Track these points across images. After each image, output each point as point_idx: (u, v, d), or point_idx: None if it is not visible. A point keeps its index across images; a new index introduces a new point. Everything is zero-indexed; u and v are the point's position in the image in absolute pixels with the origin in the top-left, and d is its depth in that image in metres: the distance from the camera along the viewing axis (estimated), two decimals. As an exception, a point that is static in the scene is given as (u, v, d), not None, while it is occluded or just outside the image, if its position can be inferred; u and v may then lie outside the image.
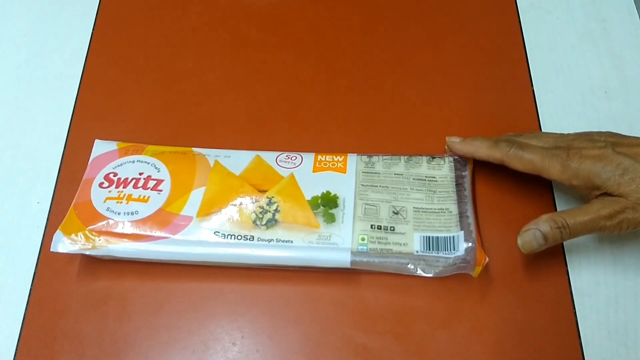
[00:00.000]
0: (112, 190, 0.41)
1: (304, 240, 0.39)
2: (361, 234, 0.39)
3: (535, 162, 0.39)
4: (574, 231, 0.37)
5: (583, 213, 0.37)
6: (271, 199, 0.41)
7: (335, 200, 0.41)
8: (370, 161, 0.43)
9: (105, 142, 0.44)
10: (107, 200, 0.41)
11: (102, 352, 0.39)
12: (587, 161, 0.38)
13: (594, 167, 0.37)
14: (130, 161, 0.43)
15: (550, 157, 0.39)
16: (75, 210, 0.41)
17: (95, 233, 0.40)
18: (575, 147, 0.39)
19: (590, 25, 0.52)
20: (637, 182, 0.36)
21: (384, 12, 0.53)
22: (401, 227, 0.40)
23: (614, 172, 0.37)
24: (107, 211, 0.40)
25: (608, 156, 0.37)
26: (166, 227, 0.40)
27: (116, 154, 0.44)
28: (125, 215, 0.40)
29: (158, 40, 0.52)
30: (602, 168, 0.37)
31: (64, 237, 0.39)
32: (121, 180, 0.42)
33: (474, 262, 0.38)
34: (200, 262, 0.40)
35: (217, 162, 0.43)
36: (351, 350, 0.39)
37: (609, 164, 0.37)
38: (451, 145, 0.44)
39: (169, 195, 0.41)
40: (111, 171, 0.42)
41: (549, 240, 0.38)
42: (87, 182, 0.42)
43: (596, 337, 0.39)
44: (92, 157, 0.44)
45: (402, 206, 0.40)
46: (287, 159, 0.43)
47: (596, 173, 0.37)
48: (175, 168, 0.42)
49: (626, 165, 0.37)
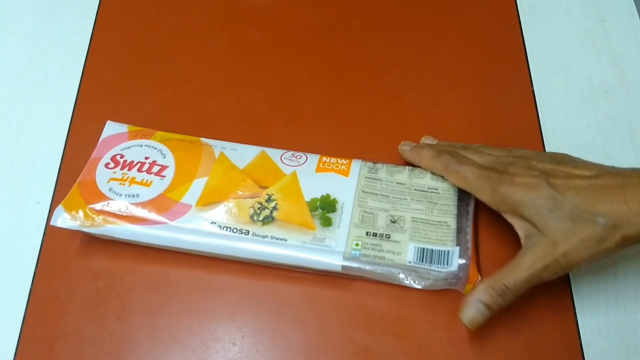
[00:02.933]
0: (116, 171, 0.42)
1: (298, 240, 0.39)
2: (355, 240, 0.39)
3: (469, 181, 0.38)
4: (515, 292, 0.35)
5: (518, 271, 0.35)
6: (271, 196, 0.41)
7: (334, 204, 0.41)
8: (375, 167, 0.42)
9: (116, 124, 0.45)
10: (110, 180, 0.41)
11: (102, 352, 0.39)
12: (517, 190, 0.36)
13: (523, 197, 0.35)
14: (138, 145, 0.43)
15: (482, 178, 0.37)
16: (79, 188, 0.41)
17: (95, 212, 0.40)
18: (509, 173, 0.37)
19: (590, 25, 0.52)
20: (566, 224, 0.34)
21: (385, 12, 0.53)
22: (397, 236, 0.39)
23: (543, 207, 0.35)
24: (109, 191, 0.41)
25: (539, 188, 0.35)
26: (165, 213, 0.40)
27: (126, 136, 0.44)
28: (126, 197, 0.41)
29: (158, 40, 0.52)
30: (531, 200, 0.35)
31: (65, 213, 0.40)
32: (127, 162, 0.42)
33: (465, 280, 0.38)
34: (194, 251, 0.40)
35: (222, 154, 0.43)
36: (351, 351, 0.39)
37: (539, 197, 0.35)
38: (401, 152, 0.43)
39: (172, 181, 0.41)
40: (118, 153, 0.43)
41: (493, 310, 0.36)
42: (94, 161, 0.43)
43: (596, 337, 0.39)
44: (102, 137, 0.44)
45: (400, 215, 0.40)
46: (292, 157, 0.43)
47: (524, 204, 0.35)
48: (180, 156, 0.43)
49: (557, 200, 0.34)
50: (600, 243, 0.33)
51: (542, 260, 0.35)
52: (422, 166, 0.42)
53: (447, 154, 0.40)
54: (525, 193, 0.35)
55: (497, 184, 0.37)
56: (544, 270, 0.35)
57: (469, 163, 0.39)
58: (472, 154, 0.40)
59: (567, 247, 0.34)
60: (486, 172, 0.37)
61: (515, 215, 0.36)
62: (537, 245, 0.35)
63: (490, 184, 0.37)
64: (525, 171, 0.37)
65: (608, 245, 0.33)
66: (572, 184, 0.35)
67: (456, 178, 0.39)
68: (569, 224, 0.34)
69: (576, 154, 0.39)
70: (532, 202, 0.35)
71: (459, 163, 0.39)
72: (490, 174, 0.37)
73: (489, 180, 0.37)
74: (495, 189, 0.37)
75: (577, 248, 0.34)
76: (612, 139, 0.46)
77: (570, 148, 0.46)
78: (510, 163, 0.38)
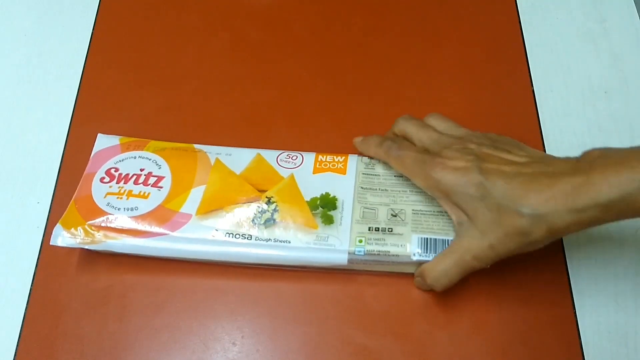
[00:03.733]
0: (112, 185, 0.42)
1: (302, 240, 0.39)
2: (359, 236, 0.39)
3: (406, 166, 0.38)
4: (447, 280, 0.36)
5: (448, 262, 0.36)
6: (270, 199, 0.41)
7: (334, 202, 0.41)
8: (371, 162, 0.43)
9: (107, 136, 0.45)
10: (107, 195, 0.41)
11: (102, 352, 0.39)
12: (448, 174, 0.35)
13: (453, 182, 0.35)
14: (132, 157, 0.43)
15: (418, 162, 0.37)
16: (75, 205, 0.41)
17: (94, 228, 0.40)
18: (443, 156, 0.36)
19: (590, 25, 0.52)
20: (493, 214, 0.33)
21: (384, 11, 0.53)
22: (399, 229, 0.39)
23: (473, 195, 0.34)
24: (107, 206, 0.41)
25: (470, 173, 0.34)
26: (165, 224, 0.40)
27: (118, 149, 0.44)
28: (125, 210, 0.40)
29: (158, 40, 0.52)
30: (461, 187, 0.34)
31: (64, 231, 0.40)
32: (122, 175, 0.42)
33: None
34: (198, 259, 0.40)
35: (218, 160, 0.43)
36: (351, 350, 0.39)
37: (468, 184, 0.34)
38: (355, 144, 0.43)
39: (169, 192, 0.41)
40: (112, 166, 0.43)
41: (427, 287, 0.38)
42: (88, 177, 0.42)
43: (596, 337, 0.39)
44: (94, 151, 0.44)
45: (400, 209, 0.40)
46: (287, 158, 0.43)
47: (455, 191, 0.35)
48: (176, 165, 0.43)
49: (486, 189, 0.34)
50: (525, 236, 0.33)
51: (470, 252, 0.35)
52: (370, 155, 0.42)
53: (389, 140, 0.40)
54: (456, 178, 0.35)
55: (430, 168, 0.36)
56: (473, 260, 0.35)
57: (407, 148, 0.39)
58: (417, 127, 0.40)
59: (493, 239, 0.34)
60: (422, 156, 0.37)
61: (448, 199, 0.36)
62: (466, 234, 0.35)
63: (424, 169, 0.36)
64: (459, 155, 0.36)
65: (534, 237, 0.33)
66: (501, 170, 0.34)
67: (396, 164, 0.39)
68: (496, 215, 0.33)
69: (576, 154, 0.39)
70: (462, 189, 0.35)
71: (399, 148, 0.39)
72: (425, 157, 0.37)
73: (424, 164, 0.37)
74: (428, 174, 0.36)
75: (503, 240, 0.34)
76: (612, 139, 0.46)
77: (570, 148, 0.46)
78: (447, 145, 0.37)
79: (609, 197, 0.30)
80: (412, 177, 0.38)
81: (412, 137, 0.40)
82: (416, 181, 0.38)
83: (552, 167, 0.34)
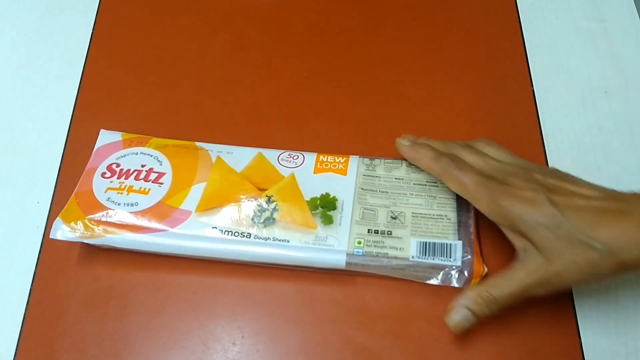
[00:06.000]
0: (113, 180, 0.42)
1: (301, 240, 0.39)
2: (357, 238, 0.39)
3: (468, 189, 0.37)
4: (504, 303, 0.35)
5: (509, 283, 0.35)
6: (270, 197, 0.41)
7: (334, 202, 0.41)
8: (372, 164, 0.43)
9: (110, 132, 0.45)
10: (108, 190, 0.41)
11: (102, 352, 0.39)
12: (517, 204, 0.35)
13: (523, 212, 0.34)
14: (133, 153, 0.43)
15: (481, 186, 0.36)
16: (76, 199, 0.41)
17: (94, 222, 0.40)
18: (510, 184, 0.36)
19: (590, 25, 0.52)
20: (563, 244, 0.33)
21: (384, 11, 0.53)
22: (398, 232, 0.39)
23: (542, 225, 0.34)
24: (108, 201, 0.41)
25: (540, 204, 0.34)
26: (165, 220, 0.40)
27: (120, 144, 0.44)
28: (125, 206, 0.40)
29: (158, 39, 0.52)
30: (531, 217, 0.34)
31: (64, 225, 0.40)
32: (123, 171, 0.42)
33: (470, 275, 0.38)
34: (197, 256, 0.40)
35: (219, 158, 0.43)
36: (351, 350, 0.39)
37: (539, 214, 0.34)
38: (398, 147, 0.42)
39: (170, 188, 0.41)
40: (114, 162, 0.43)
41: (479, 317, 0.36)
42: (90, 172, 0.42)
43: (596, 337, 0.39)
44: (97, 146, 0.44)
45: (400, 211, 0.40)
46: (289, 157, 0.43)
47: (523, 220, 0.34)
48: (177, 162, 0.43)
49: (557, 219, 0.34)
50: (595, 268, 0.33)
51: (533, 276, 0.34)
52: (419, 166, 0.41)
53: (447, 157, 0.38)
54: (525, 208, 0.35)
55: (496, 195, 0.35)
56: (535, 287, 0.35)
57: (468, 169, 0.37)
58: (474, 155, 0.39)
59: (560, 267, 0.34)
60: (486, 180, 0.36)
61: (514, 229, 0.36)
62: (531, 260, 0.35)
63: (489, 194, 0.36)
64: (527, 184, 0.35)
65: (602, 271, 0.33)
66: (573, 203, 0.34)
67: (454, 184, 0.38)
68: (566, 245, 0.33)
69: (576, 154, 0.39)
70: (532, 219, 0.34)
71: (459, 169, 0.37)
72: (490, 183, 0.36)
73: (488, 190, 0.36)
74: (494, 200, 0.35)
75: (570, 269, 0.33)
76: (612, 139, 0.46)
77: (570, 148, 0.46)
78: (512, 173, 0.37)
79: None
80: (474, 201, 0.37)
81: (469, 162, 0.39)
82: (478, 205, 0.37)
83: (624, 202, 0.34)
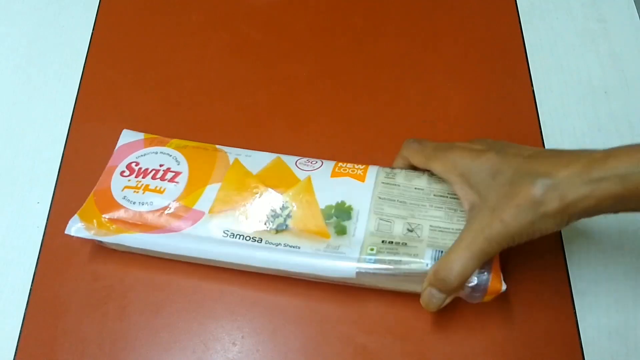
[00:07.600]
0: (131, 179, 0.42)
1: (312, 247, 0.38)
2: (370, 246, 0.38)
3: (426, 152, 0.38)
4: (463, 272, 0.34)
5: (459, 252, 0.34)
6: (285, 203, 0.40)
7: (349, 211, 0.39)
8: (392, 172, 0.41)
9: (132, 132, 0.45)
10: (125, 189, 0.41)
11: (102, 352, 0.39)
12: (466, 155, 0.36)
13: (471, 162, 0.35)
14: (153, 152, 0.43)
15: (440, 149, 0.38)
16: (94, 197, 0.41)
17: (108, 221, 0.40)
18: (458, 145, 0.37)
19: (590, 25, 0.52)
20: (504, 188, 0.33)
21: (385, 12, 0.53)
22: (414, 244, 0.37)
23: (487, 172, 0.34)
24: (124, 200, 0.41)
25: (487, 153, 0.35)
26: (177, 221, 0.40)
27: (142, 143, 0.44)
28: (140, 205, 0.40)
29: (158, 40, 0.52)
30: (478, 166, 0.35)
31: (80, 222, 0.40)
32: (142, 170, 0.42)
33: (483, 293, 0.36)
34: (206, 259, 0.40)
35: (236, 160, 0.42)
36: (351, 350, 0.39)
37: (485, 162, 0.35)
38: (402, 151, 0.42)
39: (185, 188, 0.41)
40: (134, 160, 0.43)
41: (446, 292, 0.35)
42: (110, 170, 0.42)
43: (596, 337, 0.39)
44: (118, 145, 0.44)
45: (417, 223, 0.38)
46: (307, 162, 0.42)
47: (471, 170, 0.35)
48: (194, 162, 0.42)
49: (500, 165, 0.34)
50: (538, 206, 0.31)
51: (480, 234, 0.33)
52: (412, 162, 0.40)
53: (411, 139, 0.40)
54: (473, 158, 0.35)
55: (448, 151, 0.37)
56: (484, 243, 0.33)
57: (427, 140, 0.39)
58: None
59: (503, 213, 0.32)
60: (442, 144, 0.38)
61: (463, 183, 0.36)
62: (477, 217, 0.34)
63: (442, 151, 0.37)
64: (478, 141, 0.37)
65: (546, 209, 0.31)
66: (519, 152, 0.35)
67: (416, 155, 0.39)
68: (508, 188, 0.33)
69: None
70: (478, 168, 0.35)
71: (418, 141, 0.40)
72: (445, 145, 0.38)
73: (443, 149, 0.37)
74: (446, 156, 0.37)
75: (514, 213, 0.32)
76: (612, 139, 0.46)
77: (570, 148, 0.46)
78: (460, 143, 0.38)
79: (628, 169, 0.30)
80: (430, 162, 0.38)
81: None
82: (433, 166, 0.37)
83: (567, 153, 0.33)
